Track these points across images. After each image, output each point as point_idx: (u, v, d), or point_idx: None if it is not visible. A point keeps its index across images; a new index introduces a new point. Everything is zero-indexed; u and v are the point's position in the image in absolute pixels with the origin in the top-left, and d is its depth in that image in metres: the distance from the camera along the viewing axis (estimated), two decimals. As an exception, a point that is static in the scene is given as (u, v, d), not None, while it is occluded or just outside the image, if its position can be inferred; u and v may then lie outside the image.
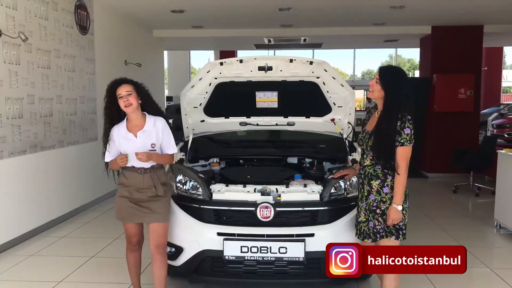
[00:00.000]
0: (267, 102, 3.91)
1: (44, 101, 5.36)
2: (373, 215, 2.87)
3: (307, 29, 9.13)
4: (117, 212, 3.18)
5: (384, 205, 2.84)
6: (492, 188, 7.24)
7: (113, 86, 3.10)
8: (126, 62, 7.87)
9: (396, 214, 2.78)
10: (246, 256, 3.12)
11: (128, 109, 3.07)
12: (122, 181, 3.16)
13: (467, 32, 8.69)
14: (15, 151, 4.82)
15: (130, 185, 3.11)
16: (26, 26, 5.00)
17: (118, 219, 3.20)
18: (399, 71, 2.93)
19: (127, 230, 3.23)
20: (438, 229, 5.42)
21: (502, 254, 4.74)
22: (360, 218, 2.95)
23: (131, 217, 3.14)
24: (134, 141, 3.09)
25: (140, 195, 3.11)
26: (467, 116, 8.80)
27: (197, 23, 8.59)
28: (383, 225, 2.86)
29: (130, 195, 3.11)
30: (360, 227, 2.95)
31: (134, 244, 3.27)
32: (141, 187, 3.10)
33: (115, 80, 3.15)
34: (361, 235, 2.95)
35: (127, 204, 3.11)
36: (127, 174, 3.12)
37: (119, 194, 3.17)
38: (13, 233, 4.80)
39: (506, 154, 5.31)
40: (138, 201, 3.11)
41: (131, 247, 3.29)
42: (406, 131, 2.75)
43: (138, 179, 3.10)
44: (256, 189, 3.30)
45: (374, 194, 2.87)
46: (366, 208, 2.91)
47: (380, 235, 2.87)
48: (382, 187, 2.84)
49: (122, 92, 3.05)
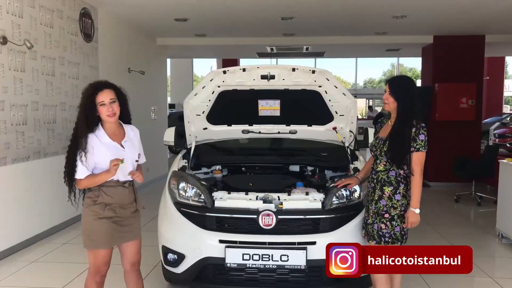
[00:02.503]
0: (269, 110, 3.93)
1: (48, 108, 5.40)
2: (380, 219, 2.97)
3: (309, 37, 9.19)
4: (96, 237, 2.69)
5: (394, 211, 2.95)
6: (494, 198, 7.22)
7: (94, 92, 2.66)
8: (129, 69, 7.93)
9: (414, 217, 2.91)
10: (248, 264, 3.13)
11: (112, 119, 2.69)
12: (102, 200, 2.70)
13: (468, 42, 8.74)
14: (19, 157, 4.85)
15: (113, 202, 2.72)
16: (32, 33, 5.06)
17: (97, 246, 2.72)
18: (408, 80, 3.11)
19: (103, 258, 2.75)
20: (439, 238, 5.41)
21: (504, 264, 4.73)
22: (368, 220, 3.06)
23: (112, 241, 2.74)
24: (121, 151, 2.75)
25: (124, 212, 2.77)
26: (468, 125, 8.81)
27: (200, 31, 8.66)
28: (389, 230, 2.95)
29: (115, 213, 2.72)
30: (367, 228, 3.07)
31: (103, 274, 2.84)
32: (125, 203, 2.77)
33: (96, 84, 2.72)
34: (367, 236, 3.08)
35: (110, 226, 2.71)
36: (109, 190, 2.71)
37: (97, 216, 2.69)
38: (15, 239, 4.82)
39: (508, 163, 5.31)
40: (118, 220, 2.75)
41: (99, 279, 2.83)
42: (421, 137, 2.90)
43: (123, 194, 2.76)
44: (258, 197, 3.32)
45: (385, 199, 2.97)
46: (374, 211, 3.01)
47: (385, 240, 2.94)
48: (394, 194, 2.96)
49: (106, 99, 2.65)
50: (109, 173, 2.68)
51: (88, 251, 2.79)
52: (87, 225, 2.73)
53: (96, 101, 2.66)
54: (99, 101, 2.66)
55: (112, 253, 2.85)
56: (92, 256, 2.77)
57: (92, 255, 2.77)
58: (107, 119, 2.70)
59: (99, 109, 2.66)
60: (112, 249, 2.82)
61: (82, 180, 2.71)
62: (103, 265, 2.79)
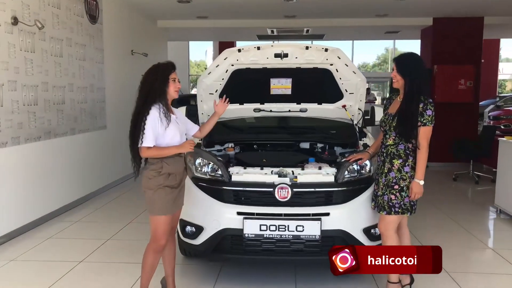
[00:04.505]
0: (281, 89, 4.03)
1: (57, 89, 5.46)
2: (390, 190, 3.10)
3: (310, 20, 9.24)
4: (161, 205, 2.91)
5: (403, 182, 3.08)
6: (491, 176, 7.45)
7: (172, 68, 2.97)
8: (132, 52, 7.96)
9: (418, 188, 3.04)
10: (265, 234, 3.26)
11: (176, 94, 3.01)
12: (165, 170, 2.90)
13: (467, 24, 8.85)
14: (31, 137, 4.93)
15: (174, 172, 2.95)
16: (40, 14, 5.09)
17: (163, 213, 2.92)
18: (414, 57, 3.21)
19: (164, 225, 2.95)
20: (441, 214, 5.60)
21: (504, 237, 4.91)
22: (379, 192, 3.18)
23: (172, 207, 2.99)
24: (178, 125, 3.00)
25: (181, 180, 3.04)
26: (467, 106, 8.98)
27: (202, 13, 8.67)
28: (399, 201, 3.08)
29: (176, 181, 2.97)
30: (377, 200, 3.20)
31: (162, 244, 3.00)
32: (180, 172, 3.02)
33: (171, 62, 3.02)
34: (377, 207, 3.21)
35: (172, 194, 2.95)
36: (169, 161, 2.91)
37: (163, 185, 2.89)
38: (30, 217, 4.93)
39: (507, 141, 5.48)
40: (176, 188, 2.99)
41: (158, 248, 2.99)
42: (428, 112, 3.02)
43: (180, 163, 3.02)
44: (273, 171, 3.44)
45: (395, 171, 3.10)
46: (384, 183, 3.14)
47: (395, 210, 3.08)
48: (403, 166, 3.09)
49: (176, 77, 2.97)
50: (181, 148, 2.95)
51: (151, 218, 2.97)
52: (153, 195, 2.90)
53: (170, 76, 2.93)
54: (172, 77, 2.94)
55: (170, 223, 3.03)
56: (154, 222, 2.96)
57: (155, 221, 2.96)
58: (174, 94, 2.99)
59: (170, 84, 2.94)
60: (171, 217, 3.01)
61: (150, 148, 2.87)
62: (163, 233, 2.97)
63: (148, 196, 2.93)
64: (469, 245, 4.57)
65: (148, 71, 2.95)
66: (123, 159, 7.59)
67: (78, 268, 3.88)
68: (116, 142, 7.16)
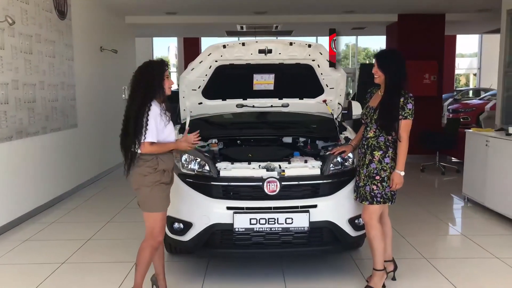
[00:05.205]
0: (263, 85, 4.07)
1: (27, 87, 5.29)
2: (372, 181, 3.22)
3: (279, 16, 9.32)
4: (157, 202, 2.93)
5: (384, 173, 3.21)
6: (456, 167, 7.81)
7: (164, 66, 2.98)
8: (101, 48, 7.78)
9: (399, 179, 3.17)
10: (255, 228, 3.30)
11: (169, 91, 3.02)
12: (161, 167, 2.91)
13: (430, 20, 9.17)
14: (2, 137, 4.76)
15: (167, 168, 2.97)
16: (9, 10, 4.90)
17: (159, 209, 2.94)
18: (394, 53, 3.35)
19: (161, 221, 2.97)
20: (413, 203, 5.81)
21: (473, 223, 5.17)
22: (360, 183, 3.28)
23: (166, 203, 3.02)
24: (171, 123, 3.05)
25: (172, 177, 3.08)
26: (431, 100, 9.29)
27: (171, 9, 8.57)
28: (381, 191, 3.20)
29: (170, 177, 3.01)
30: (359, 191, 3.30)
31: (159, 240, 3.01)
32: (171, 168, 3.04)
33: (163, 60, 3.04)
34: (359, 198, 3.31)
35: (167, 190, 2.99)
36: (164, 157, 2.93)
37: (159, 181, 2.90)
38: (3, 219, 4.75)
39: (473, 133, 5.75)
40: (169, 184, 3.03)
41: (154, 244, 2.99)
42: (408, 106, 3.18)
43: (171, 160, 3.04)
44: (261, 166, 3.49)
45: (375, 163, 3.22)
46: (366, 174, 3.25)
47: (377, 200, 3.21)
48: (384, 157, 3.21)
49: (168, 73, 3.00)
50: (179, 146, 3.02)
51: (147, 215, 2.96)
52: (150, 192, 2.89)
53: (165, 73, 2.96)
54: (167, 74, 2.97)
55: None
56: (151, 219, 2.95)
57: (152, 218, 2.95)
58: (168, 91, 2.99)
59: (165, 81, 2.95)
60: (165, 213, 3.02)
61: (153, 144, 2.87)
62: (161, 229, 2.99)
63: (144, 194, 2.90)
64: (443, 233, 4.79)
65: (142, 69, 2.95)
66: (95, 158, 7.48)
67: (60, 270, 3.78)
68: (88, 141, 7.00)
